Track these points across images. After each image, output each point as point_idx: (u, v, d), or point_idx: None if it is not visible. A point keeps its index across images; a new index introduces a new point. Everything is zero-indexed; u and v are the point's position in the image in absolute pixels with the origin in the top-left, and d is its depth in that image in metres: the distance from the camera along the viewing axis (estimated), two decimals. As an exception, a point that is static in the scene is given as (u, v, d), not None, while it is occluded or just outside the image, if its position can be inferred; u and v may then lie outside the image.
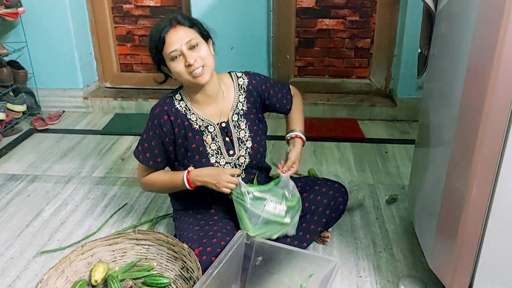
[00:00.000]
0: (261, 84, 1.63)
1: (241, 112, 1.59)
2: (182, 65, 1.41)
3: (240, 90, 1.59)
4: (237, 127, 1.58)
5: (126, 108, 3.12)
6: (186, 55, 1.40)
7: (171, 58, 1.41)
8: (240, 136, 1.58)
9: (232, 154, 1.57)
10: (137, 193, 2.11)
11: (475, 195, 1.15)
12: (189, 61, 1.39)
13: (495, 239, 1.19)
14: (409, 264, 1.65)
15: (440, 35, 1.38)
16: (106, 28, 3.17)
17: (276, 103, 1.67)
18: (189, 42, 1.40)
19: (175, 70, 1.43)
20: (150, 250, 1.55)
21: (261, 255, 1.43)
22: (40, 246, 1.76)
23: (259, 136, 1.63)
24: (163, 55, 1.42)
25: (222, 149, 1.56)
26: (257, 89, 1.61)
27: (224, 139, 1.56)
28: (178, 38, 1.39)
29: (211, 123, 1.55)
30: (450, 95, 1.24)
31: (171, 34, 1.39)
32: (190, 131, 1.53)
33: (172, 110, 1.51)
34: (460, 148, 1.17)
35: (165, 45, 1.40)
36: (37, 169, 2.35)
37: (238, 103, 1.59)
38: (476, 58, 1.07)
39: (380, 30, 2.96)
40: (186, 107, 1.53)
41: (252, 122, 1.61)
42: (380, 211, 1.97)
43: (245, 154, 1.58)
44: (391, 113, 2.93)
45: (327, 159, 2.45)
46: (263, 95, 1.63)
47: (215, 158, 1.55)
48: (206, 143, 1.54)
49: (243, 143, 1.58)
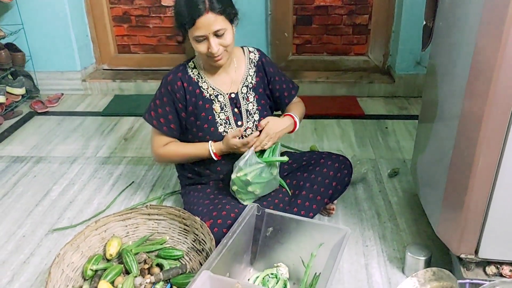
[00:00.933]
0: (269, 65, 1.67)
1: (250, 85, 1.63)
2: (204, 48, 1.45)
3: (250, 64, 1.64)
4: (246, 99, 1.62)
5: (125, 89, 3.11)
6: (211, 42, 1.42)
7: (195, 39, 1.43)
8: (248, 108, 1.62)
9: (240, 125, 1.61)
10: (143, 171, 2.14)
11: (482, 163, 1.18)
12: (212, 49, 1.43)
13: (501, 204, 1.23)
14: (413, 233, 1.69)
15: (446, 6, 1.39)
16: (102, 9, 3.14)
17: (277, 91, 1.69)
18: (218, 31, 1.42)
19: (197, 49, 1.46)
20: (161, 224, 1.57)
21: (271, 225, 1.46)
22: (51, 225, 1.78)
23: (266, 110, 1.67)
24: (188, 32, 1.44)
25: (231, 119, 1.60)
26: (265, 68, 1.66)
27: (233, 110, 1.60)
28: (207, 25, 1.40)
29: (221, 92, 1.58)
30: (457, 68, 1.27)
31: (202, 19, 1.38)
32: (201, 99, 1.57)
33: (185, 77, 1.56)
34: (468, 118, 1.19)
35: (193, 28, 1.41)
36: (41, 150, 2.36)
37: (248, 76, 1.63)
38: (486, 27, 1.09)
39: (378, 6, 2.96)
40: (198, 75, 1.58)
41: (260, 96, 1.65)
42: (382, 184, 2.01)
43: (253, 127, 1.62)
44: (389, 90, 2.96)
45: (328, 136, 2.48)
46: (269, 77, 1.67)
47: (223, 127, 1.59)
48: (215, 112, 1.58)
49: (251, 115, 1.62)
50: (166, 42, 3.23)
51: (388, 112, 2.77)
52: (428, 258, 1.44)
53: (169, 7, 3.11)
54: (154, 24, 3.19)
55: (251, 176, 1.48)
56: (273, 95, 1.71)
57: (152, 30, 3.21)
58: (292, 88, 1.74)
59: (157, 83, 3.02)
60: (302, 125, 2.52)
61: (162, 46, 3.25)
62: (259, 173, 1.50)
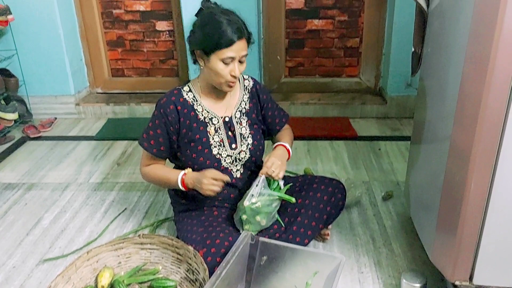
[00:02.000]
0: (263, 92, 1.71)
1: (244, 110, 1.66)
2: (227, 71, 1.48)
3: (245, 90, 1.69)
4: (239, 123, 1.65)
5: (118, 113, 3.12)
6: (235, 67, 1.48)
7: (223, 60, 1.46)
8: (242, 132, 1.65)
9: (234, 148, 1.63)
10: (135, 197, 2.12)
11: (474, 188, 1.19)
12: (235, 73, 1.48)
13: (494, 230, 1.23)
14: (409, 258, 1.68)
15: (433, 34, 1.41)
16: (96, 34, 3.16)
17: (269, 117, 1.74)
18: (243, 56, 1.49)
19: (218, 70, 1.48)
20: (154, 253, 1.56)
21: (265, 254, 1.45)
22: (42, 254, 1.76)
23: (259, 134, 1.70)
24: (215, 51, 1.45)
25: (225, 141, 1.62)
26: (259, 95, 1.70)
27: (227, 133, 1.63)
28: (239, 50, 1.46)
29: (216, 115, 1.61)
30: (446, 91, 1.28)
31: (239, 42, 1.45)
32: (195, 122, 1.59)
33: (179, 100, 1.58)
34: (458, 141, 1.20)
35: (227, 49, 1.44)
36: (33, 177, 2.34)
37: (241, 102, 1.67)
38: (473, 54, 1.10)
39: (369, 29, 3.00)
40: (194, 98, 1.60)
41: (253, 121, 1.69)
42: (377, 207, 2.01)
43: (246, 150, 1.64)
44: (382, 111, 2.98)
45: (321, 158, 2.48)
46: (262, 104, 1.71)
47: (217, 149, 1.60)
48: (210, 134, 1.60)
49: (244, 138, 1.65)
50: (160, 66, 3.25)
51: (381, 133, 2.78)
52: (423, 285, 1.43)
53: (163, 31, 3.14)
54: (148, 48, 3.21)
55: (262, 206, 1.50)
56: (265, 121, 1.75)
57: (146, 54, 3.23)
58: (283, 116, 1.79)
59: (150, 106, 3.08)
60: (295, 147, 2.55)
61: (155, 69, 3.27)
62: (269, 204, 1.52)
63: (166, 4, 3.07)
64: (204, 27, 1.47)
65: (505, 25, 1.02)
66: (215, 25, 1.45)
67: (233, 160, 1.63)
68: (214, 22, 1.45)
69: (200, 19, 1.51)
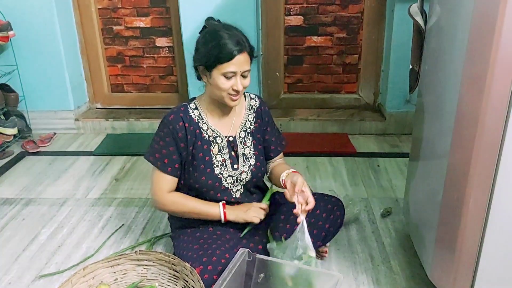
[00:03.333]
0: (266, 114, 1.70)
1: (249, 130, 1.65)
2: (228, 85, 1.47)
3: (250, 110, 1.67)
4: (243, 143, 1.63)
5: (117, 128, 3.12)
6: (237, 81, 1.47)
7: (224, 74, 1.45)
8: (245, 152, 1.63)
9: (236, 168, 1.61)
10: (133, 213, 2.11)
11: (473, 205, 1.19)
12: (237, 88, 1.47)
13: (494, 248, 1.22)
14: (407, 276, 1.67)
15: (431, 51, 1.43)
16: (97, 50, 3.19)
17: (266, 141, 1.71)
18: (246, 71, 1.47)
19: (220, 84, 1.47)
20: (151, 270, 1.54)
21: (262, 272, 1.44)
22: (38, 270, 1.74)
23: (262, 155, 1.69)
24: (216, 65, 1.45)
25: (227, 161, 1.60)
26: (263, 116, 1.69)
27: (229, 153, 1.61)
28: (240, 64, 1.45)
29: (220, 134, 1.60)
30: (444, 109, 1.29)
31: (239, 56, 1.44)
32: (200, 140, 1.57)
33: (186, 117, 1.56)
34: (456, 159, 1.20)
35: (228, 63, 1.44)
36: (31, 192, 2.34)
37: (247, 121, 1.65)
38: (470, 72, 1.11)
39: (367, 46, 3.03)
40: (199, 115, 1.59)
41: (258, 141, 1.67)
42: (375, 224, 1.99)
43: (248, 171, 1.63)
44: (380, 127, 2.98)
45: (320, 174, 2.48)
46: (264, 126, 1.70)
47: (219, 169, 1.58)
48: (213, 153, 1.58)
49: (247, 159, 1.63)
50: (159, 82, 3.27)
51: (379, 149, 2.78)
52: (422, 303, 1.42)
53: (163, 47, 3.17)
54: (147, 64, 3.23)
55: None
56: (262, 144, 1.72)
57: (145, 69, 3.25)
58: (280, 145, 1.75)
59: (150, 122, 3.09)
60: (294, 163, 2.55)
61: (155, 85, 3.28)
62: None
63: (166, 21, 3.10)
64: (206, 43, 1.48)
65: (502, 44, 1.03)
66: (216, 39, 1.45)
67: (234, 181, 1.61)
68: (215, 37, 1.46)
69: (203, 35, 1.52)
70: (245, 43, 1.47)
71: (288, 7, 2.99)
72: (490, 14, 1.03)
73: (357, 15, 2.99)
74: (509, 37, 1.01)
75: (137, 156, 2.71)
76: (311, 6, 2.98)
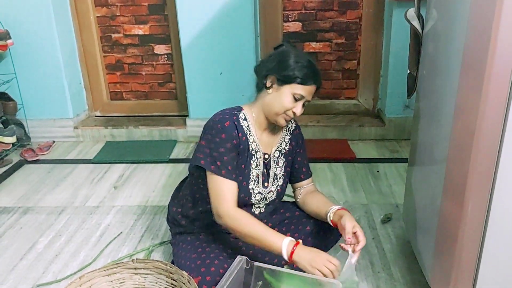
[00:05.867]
0: (301, 137, 1.70)
1: (283, 151, 1.64)
2: (291, 105, 1.47)
3: (287, 131, 1.66)
4: (276, 163, 1.62)
5: (116, 136, 3.12)
6: (299, 105, 1.48)
7: (294, 94, 1.45)
8: (276, 172, 1.62)
9: (266, 186, 1.60)
10: (131, 221, 2.10)
11: (471, 211, 1.17)
12: (296, 112, 1.48)
13: (493, 253, 1.20)
14: (408, 283, 1.65)
15: (428, 56, 1.42)
16: (95, 58, 3.19)
17: (296, 163, 1.69)
18: (307, 101, 1.50)
19: (285, 101, 1.46)
20: (148, 279, 1.53)
21: (260, 280, 1.42)
22: (35, 279, 1.73)
23: (288, 178, 1.68)
24: (291, 83, 1.45)
25: (260, 178, 1.59)
26: (297, 139, 1.68)
27: (263, 170, 1.60)
28: (310, 93, 1.48)
29: (260, 150, 1.58)
30: (441, 114, 1.28)
31: (313, 87, 1.48)
32: (245, 151, 1.54)
33: (239, 126, 1.52)
34: (454, 165, 1.19)
35: (302, 87, 1.45)
36: (29, 200, 2.33)
37: (283, 142, 1.64)
38: (467, 76, 1.10)
39: (366, 52, 3.02)
40: (248, 127, 1.55)
41: (288, 163, 1.66)
42: (376, 230, 1.98)
43: (275, 191, 1.62)
44: (380, 133, 2.97)
45: (320, 180, 2.46)
46: (298, 148, 1.69)
47: (252, 184, 1.57)
48: (252, 167, 1.56)
49: (276, 179, 1.62)
50: (158, 89, 3.27)
51: (379, 155, 2.77)
52: (422, 310, 1.40)
53: (162, 55, 3.17)
54: (146, 72, 3.23)
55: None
56: (291, 166, 1.70)
57: (144, 77, 3.25)
58: (306, 173, 1.70)
59: (148, 129, 3.09)
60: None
61: (154, 92, 3.28)
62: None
63: (165, 28, 3.10)
64: (288, 58, 1.47)
65: (498, 48, 1.02)
66: (306, 61, 1.46)
67: (261, 198, 1.59)
68: (305, 59, 1.47)
69: (284, 50, 1.51)
70: (321, 80, 1.51)
71: (286, 13, 2.99)
72: (486, 19, 1.02)
73: (355, 20, 2.99)
74: (505, 41, 1.00)
75: (136, 163, 2.70)
76: (309, 12, 2.98)
